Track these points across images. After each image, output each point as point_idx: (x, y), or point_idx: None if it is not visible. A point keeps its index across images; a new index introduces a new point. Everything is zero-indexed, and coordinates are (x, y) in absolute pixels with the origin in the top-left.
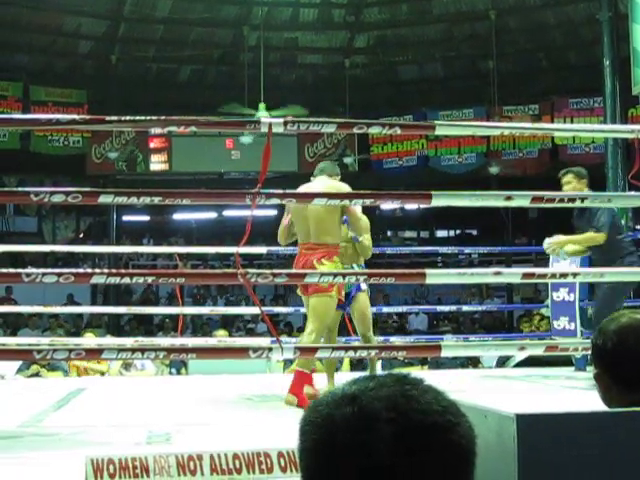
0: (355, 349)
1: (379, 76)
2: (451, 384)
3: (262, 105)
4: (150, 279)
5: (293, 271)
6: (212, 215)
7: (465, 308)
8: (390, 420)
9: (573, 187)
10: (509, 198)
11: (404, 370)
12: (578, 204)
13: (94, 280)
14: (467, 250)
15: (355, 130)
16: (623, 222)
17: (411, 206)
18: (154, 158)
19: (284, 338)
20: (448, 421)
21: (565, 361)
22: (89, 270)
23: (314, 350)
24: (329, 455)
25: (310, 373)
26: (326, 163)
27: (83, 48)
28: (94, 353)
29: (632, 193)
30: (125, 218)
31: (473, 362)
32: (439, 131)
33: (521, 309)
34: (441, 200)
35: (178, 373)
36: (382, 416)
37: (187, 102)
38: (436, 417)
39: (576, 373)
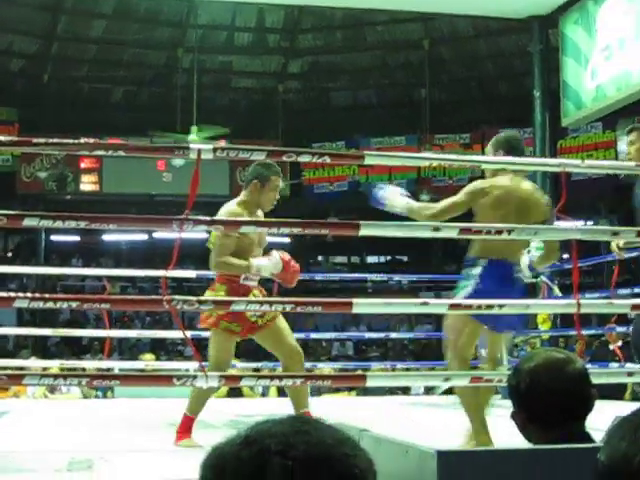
0: (280, 377)
1: (312, 102)
2: (377, 412)
3: (194, 128)
4: (74, 304)
5: (219, 298)
6: (143, 237)
7: (393, 335)
8: (279, 453)
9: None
10: (437, 229)
11: (332, 396)
12: (505, 237)
13: (16, 304)
14: (397, 277)
15: (285, 158)
16: None
17: None
18: (84, 178)
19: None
20: (342, 453)
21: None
22: (12, 294)
23: (238, 378)
24: None
25: None
26: None
27: (14, 66)
28: (16, 378)
29: (559, 225)
30: (54, 238)
31: (402, 388)
32: (368, 161)
33: None
34: (369, 230)
35: (104, 396)
36: (271, 450)
37: (118, 123)
38: (329, 449)
39: (502, 401)
